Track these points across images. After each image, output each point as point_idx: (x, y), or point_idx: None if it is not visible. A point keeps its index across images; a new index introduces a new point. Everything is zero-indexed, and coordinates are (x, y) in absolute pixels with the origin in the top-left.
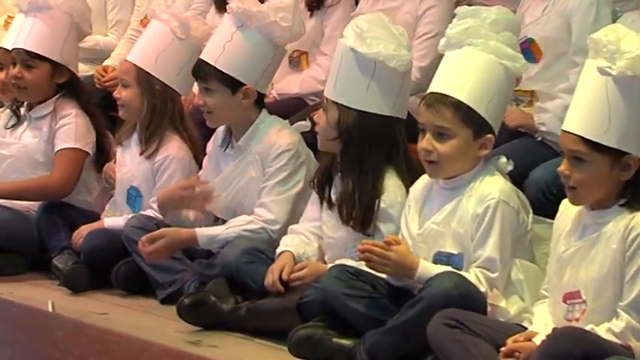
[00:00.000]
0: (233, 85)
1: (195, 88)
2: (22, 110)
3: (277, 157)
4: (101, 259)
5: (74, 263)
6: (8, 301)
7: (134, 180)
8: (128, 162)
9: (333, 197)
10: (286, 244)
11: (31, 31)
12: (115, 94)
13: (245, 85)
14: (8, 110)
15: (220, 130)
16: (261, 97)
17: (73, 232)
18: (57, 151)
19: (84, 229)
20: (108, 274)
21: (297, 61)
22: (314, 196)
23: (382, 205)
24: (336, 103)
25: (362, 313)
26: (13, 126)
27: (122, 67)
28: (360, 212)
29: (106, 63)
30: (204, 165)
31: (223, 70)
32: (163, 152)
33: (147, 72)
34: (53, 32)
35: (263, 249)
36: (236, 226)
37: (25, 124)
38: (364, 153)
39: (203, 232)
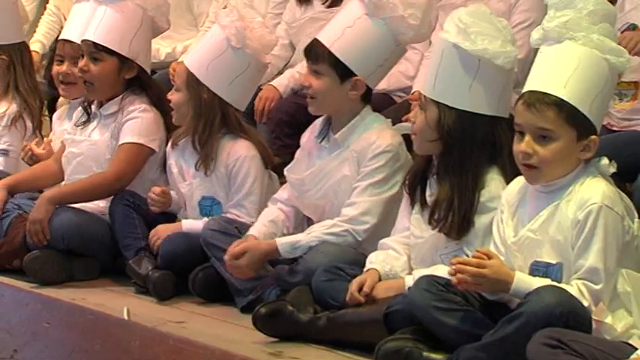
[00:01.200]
0: (343, 73)
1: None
2: (93, 107)
3: (375, 157)
4: (180, 265)
5: (154, 268)
6: (83, 308)
7: (203, 189)
8: (186, 173)
9: (428, 199)
10: (371, 261)
11: (101, 23)
12: (168, 95)
13: (356, 75)
14: (80, 107)
15: (319, 122)
16: (369, 92)
17: (148, 228)
18: (119, 145)
19: (162, 230)
20: (185, 281)
21: None
22: (403, 206)
23: (481, 199)
24: (436, 102)
25: (454, 326)
26: (84, 123)
27: (178, 68)
28: (458, 219)
29: (180, 59)
30: (296, 157)
31: (337, 56)
32: (233, 155)
33: (197, 78)
34: (123, 25)
35: (341, 266)
36: (318, 230)
37: (96, 121)
38: (465, 155)
39: (283, 241)
